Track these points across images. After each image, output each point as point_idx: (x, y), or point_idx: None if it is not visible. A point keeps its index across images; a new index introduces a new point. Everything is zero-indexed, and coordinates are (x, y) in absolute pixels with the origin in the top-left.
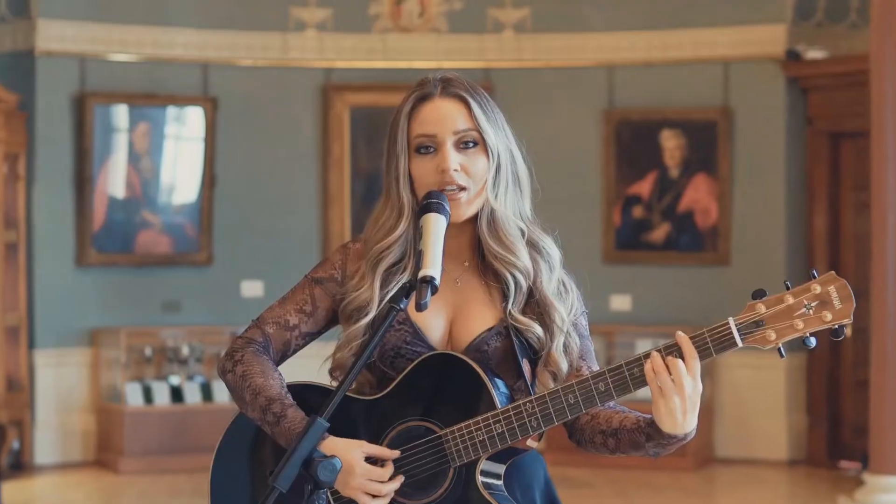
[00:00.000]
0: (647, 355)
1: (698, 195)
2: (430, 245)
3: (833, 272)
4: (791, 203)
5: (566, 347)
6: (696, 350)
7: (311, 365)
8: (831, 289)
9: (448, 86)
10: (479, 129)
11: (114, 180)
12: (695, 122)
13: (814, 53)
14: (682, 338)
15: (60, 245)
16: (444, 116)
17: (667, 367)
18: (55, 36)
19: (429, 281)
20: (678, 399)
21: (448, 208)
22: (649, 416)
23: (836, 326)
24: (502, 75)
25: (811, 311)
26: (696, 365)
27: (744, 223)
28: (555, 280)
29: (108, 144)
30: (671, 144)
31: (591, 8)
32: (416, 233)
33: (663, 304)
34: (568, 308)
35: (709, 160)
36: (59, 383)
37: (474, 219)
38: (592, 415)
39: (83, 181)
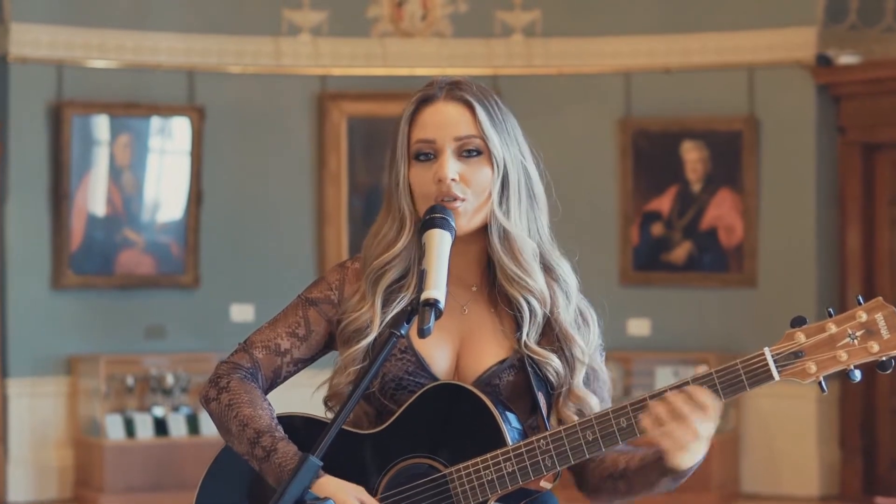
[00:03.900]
0: (676, 387)
1: (722, 211)
2: (434, 264)
3: (880, 298)
4: (822, 219)
5: (588, 381)
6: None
7: (302, 395)
8: (878, 316)
9: (454, 89)
10: (483, 137)
11: (93, 196)
12: (718, 132)
13: (846, 58)
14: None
15: (35, 266)
16: (445, 121)
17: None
18: (30, 41)
19: (432, 304)
20: (695, 444)
21: (454, 224)
22: (653, 449)
23: (884, 359)
24: (511, 82)
25: (856, 341)
26: (712, 403)
27: (771, 241)
28: (572, 310)
29: (86, 157)
30: (693, 157)
31: (606, 10)
32: (419, 249)
33: (685, 328)
34: (588, 341)
35: (733, 173)
36: (34, 415)
37: (483, 235)
38: (598, 460)
39: (60, 197)
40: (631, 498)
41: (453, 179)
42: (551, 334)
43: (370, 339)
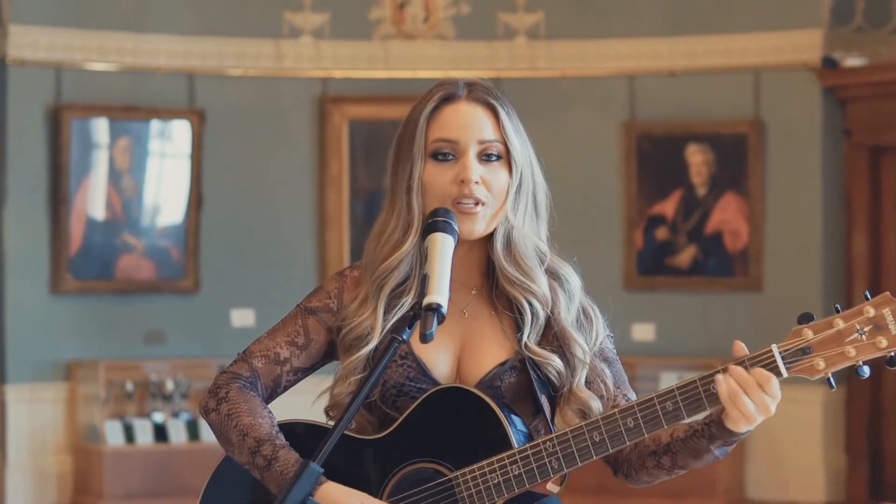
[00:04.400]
0: (683, 386)
1: (727, 215)
2: (437, 269)
3: (888, 293)
4: (828, 223)
5: (591, 382)
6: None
7: (303, 402)
8: (886, 311)
9: (475, 90)
10: (505, 142)
11: (92, 200)
12: (723, 135)
13: (852, 61)
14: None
15: (34, 270)
16: (469, 122)
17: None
18: (28, 43)
19: (435, 309)
20: (762, 417)
21: (456, 227)
22: (702, 418)
23: (893, 353)
24: (514, 85)
25: (864, 336)
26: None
27: (777, 245)
28: (574, 310)
29: (86, 161)
30: (698, 160)
31: (610, 12)
32: (422, 254)
33: (690, 333)
34: (592, 338)
35: (738, 177)
36: (33, 421)
37: (485, 239)
38: (635, 441)
39: (59, 201)
40: (674, 474)
41: (476, 182)
42: (551, 334)
43: (371, 346)
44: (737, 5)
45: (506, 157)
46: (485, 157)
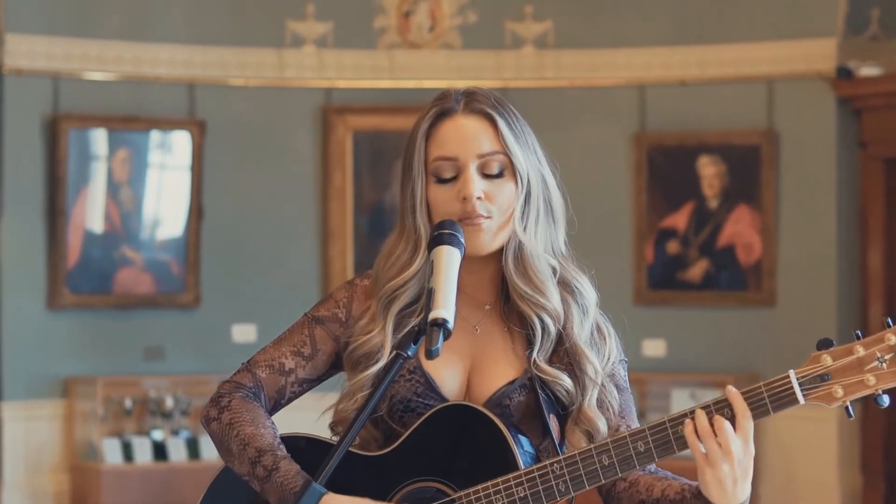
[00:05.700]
0: (692, 412)
1: (740, 228)
2: (442, 282)
3: None
4: (843, 236)
5: (601, 403)
6: (748, 408)
7: (307, 418)
8: None
9: (472, 101)
10: (507, 153)
11: (90, 212)
12: (736, 146)
13: (867, 70)
14: (733, 394)
15: (30, 285)
16: (466, 137)
17: (712, 428)
18: (25, 52)
19: (440, 324)
20: (727, 466)
21: (463, 240)
22: (696, 483)
23: None
24: (521, 95)
25: (885, 364)
26: (749, 425)
27: (790, 259)
28: (588, 326)
29: (84, 173)
30: (709, 172)
31: (619, 21)
32: (429, 269)
33: (701, 349)
34: (604, 357)
35: (751, 189)
36: (29, 439)
37: (498, 254)
38: (631, 482)
39: (56, 213)
40: None
41: (479, 198)
42: (563, 351)
43: (380, 364)
44: (749, 14)
45: (510, 169)
46: (487, 169)
